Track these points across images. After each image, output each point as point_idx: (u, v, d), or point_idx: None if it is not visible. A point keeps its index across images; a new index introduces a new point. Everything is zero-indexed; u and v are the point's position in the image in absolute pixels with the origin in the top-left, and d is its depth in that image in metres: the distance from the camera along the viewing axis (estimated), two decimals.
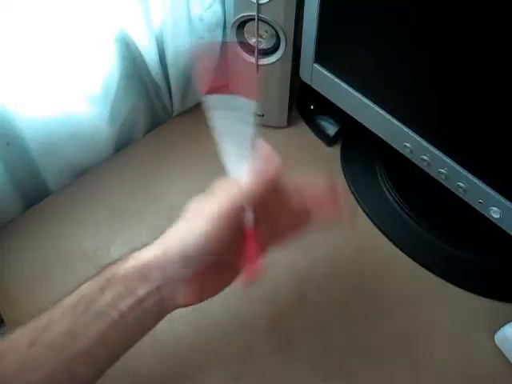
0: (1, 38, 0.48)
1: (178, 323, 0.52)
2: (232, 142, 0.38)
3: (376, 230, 0.61)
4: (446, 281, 0.56)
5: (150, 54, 0.61)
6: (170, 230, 0.38)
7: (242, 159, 0.38)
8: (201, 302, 0.40)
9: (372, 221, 0.61)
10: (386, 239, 0.60)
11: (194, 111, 0.73)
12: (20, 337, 0.36)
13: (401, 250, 0.59)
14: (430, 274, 0.57)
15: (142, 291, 0.37)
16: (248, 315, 0.53)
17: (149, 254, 0.37)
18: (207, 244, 0.36)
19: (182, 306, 0.39)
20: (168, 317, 0.52)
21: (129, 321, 0.37)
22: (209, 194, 0.38)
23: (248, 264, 0.38)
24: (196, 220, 0.37)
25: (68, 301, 0.37)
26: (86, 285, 0.37)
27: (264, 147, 0.39)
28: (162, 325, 0.51)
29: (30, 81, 0.53)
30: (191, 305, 0.39)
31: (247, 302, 0.54)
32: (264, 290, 0.54)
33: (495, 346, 0.51)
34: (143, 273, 0.37)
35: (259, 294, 0.54)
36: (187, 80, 0.69)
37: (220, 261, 0.38)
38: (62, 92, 0.57)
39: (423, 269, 0.57)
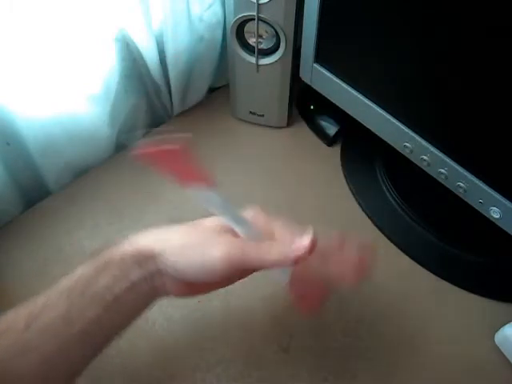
0: (1, 38, 0.48)
1: (177, 322, 0.52)
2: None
3: (376, 229, 0.61)
4: (446, 281, 0.56)
5: (149, 54, 0.61)
6: (170, 231, 0.39)
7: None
8: (193, 296, 0.41)
9: (372, 221, 0.61)
10: (385, 239, 0.60)
11: (194, 111, 0.73)
12: (15, 319, 0.36)
13: (401, 249, 0.59)
14: (430, 273, 0.57)
15: (135, 276, 0.38)
16: (248, 315, 0.53)
17: (146, 242, 0.38)
18: (203, 270, 0.37)
19: (174, 296, 0.40)
20: (167, 316, 0.52)
21: (123, 303, 0.38)
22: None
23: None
24: (198, 247, 0.37)
25: (65, 282, 0.37)
26: (83, 267, 0.38)
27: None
28: (161, 323, 0.52)
29: (30, 81, 0.53)
30: (183, 297, 0.41)
31: (247, 301, 0.54)
32: (264, 289, 0.54)
33: (495, 346, 0.51)
34: (138, 259, 0.37)
35: (259, 294, 0.54)
36: (187, 80, 0.69)
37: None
38: (61, 92, 0.57)
39: (423, 269, 0.57)
